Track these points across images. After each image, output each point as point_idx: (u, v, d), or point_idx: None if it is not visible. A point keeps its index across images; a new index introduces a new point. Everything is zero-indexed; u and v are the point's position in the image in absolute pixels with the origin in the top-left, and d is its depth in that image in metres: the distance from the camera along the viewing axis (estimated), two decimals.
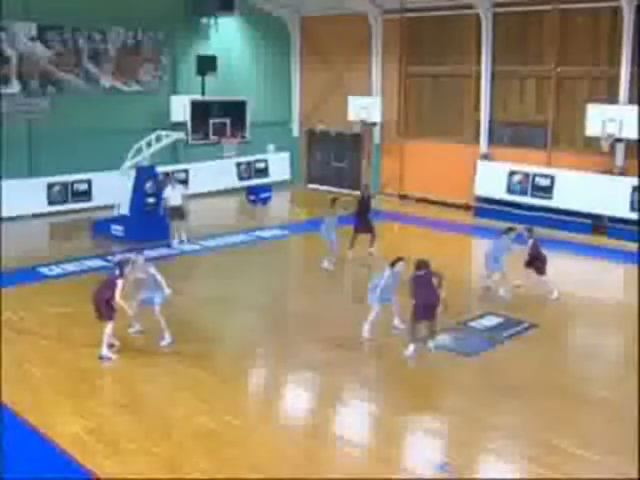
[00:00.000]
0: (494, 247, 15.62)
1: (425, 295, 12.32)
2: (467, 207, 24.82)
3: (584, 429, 10.01)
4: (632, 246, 20.09)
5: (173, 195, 19.66)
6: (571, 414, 10.43)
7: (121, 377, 11.58)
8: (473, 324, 13.99)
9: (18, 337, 12.89)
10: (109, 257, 17.75)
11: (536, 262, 15.40)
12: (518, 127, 24.50)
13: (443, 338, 13.10)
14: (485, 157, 24.91)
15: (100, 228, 20.85)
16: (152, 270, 12.66)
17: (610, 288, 17.50)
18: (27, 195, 22.68)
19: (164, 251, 19.13)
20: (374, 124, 27.42)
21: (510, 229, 15.81)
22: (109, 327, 12.10)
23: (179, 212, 19.59)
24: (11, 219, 21.79)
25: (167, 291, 12.57)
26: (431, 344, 12.60)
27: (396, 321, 13.46)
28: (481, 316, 14.37)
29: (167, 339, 12.69)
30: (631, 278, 17.73)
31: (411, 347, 12.37)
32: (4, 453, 9.06)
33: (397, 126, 27.54)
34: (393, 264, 12.91)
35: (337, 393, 11.17)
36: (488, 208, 23.91)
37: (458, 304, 14.82)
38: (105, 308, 12.00)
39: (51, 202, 23.24)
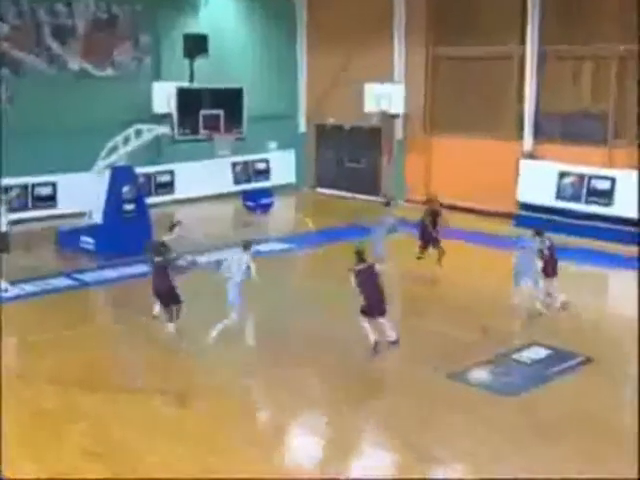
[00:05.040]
0: (524, 257, 16.12)
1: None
2: (507, 215, 24.61)
3: None
4: None
5: None
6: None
7: (90, 417, 11.54)
8: (516, 356, 13.93)
9: None
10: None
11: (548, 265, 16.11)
12: (571, 119, 24.42)
13: (479, 373, 13.20)
14: (530, 155, 24.84)
15: (67, 240, 20.83)
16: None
17: None
18: None
19: (144, 267, 19.00)
20: (396, 116, 27.41)
21: (538, 233, 16.34)
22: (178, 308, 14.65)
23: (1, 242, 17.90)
24: None
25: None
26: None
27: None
28: (526, 347, 14.30)
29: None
30: None
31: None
32: None
33: (423, 118, 27.56)
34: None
35: (345, 435, 11.18)
36: (533, 217, 23.55)
37: (499, 332, 15.02)
38: (172, 295, 14.59)
39: (10, 209, 23.03)
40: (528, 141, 24.99)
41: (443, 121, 27.35)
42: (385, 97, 26.90)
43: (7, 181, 23.32)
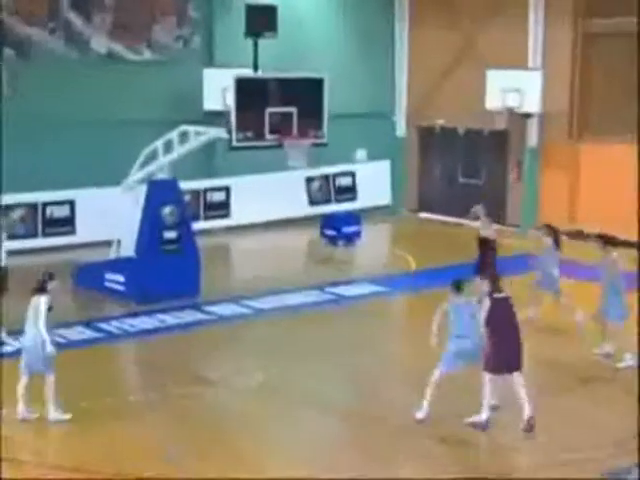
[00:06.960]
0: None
1: None
2: None
3: None
4: None
5: None
6: None
7: None
8: None
9: None
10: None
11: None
12: None
13: None
14: None
15: (87, 278, 20.86)
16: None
17: None
18: None
19: (190, 315, 19.12)
20: (530, 115, 27.41)
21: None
22: None
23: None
24: None
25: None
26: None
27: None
28: None
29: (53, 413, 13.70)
30: None
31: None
32: None
33: (569, 118, 27.49)
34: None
35: None
36: None
37: None
38: None
39: (10, 236, 22.95)
40: None
41: (597, 122, 27.30)
42: (515, 89, 26.88)
43: (10, 198, 23.38)
